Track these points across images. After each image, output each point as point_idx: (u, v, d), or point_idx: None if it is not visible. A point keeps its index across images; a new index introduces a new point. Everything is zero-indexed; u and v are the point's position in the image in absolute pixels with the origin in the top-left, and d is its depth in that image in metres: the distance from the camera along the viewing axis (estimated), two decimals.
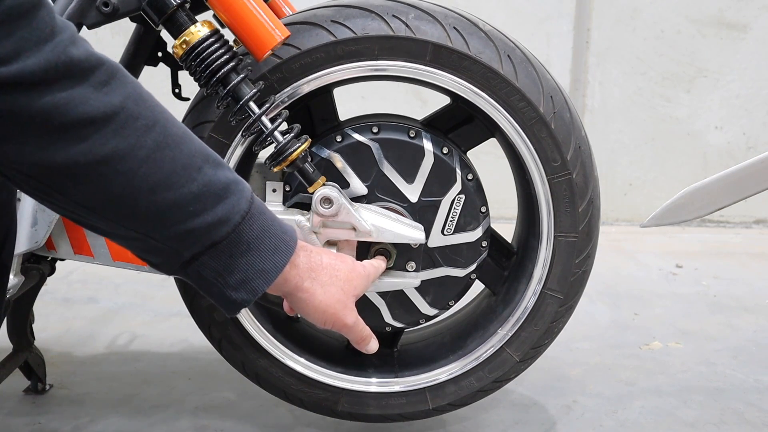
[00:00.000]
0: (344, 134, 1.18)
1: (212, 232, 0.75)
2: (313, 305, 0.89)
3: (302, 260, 0.87)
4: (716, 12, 2.96)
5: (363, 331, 0.97)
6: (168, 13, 1.02)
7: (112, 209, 0.70)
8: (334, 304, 0.90)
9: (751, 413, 1.50)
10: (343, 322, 0.91)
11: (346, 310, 0.91)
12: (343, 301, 0.91)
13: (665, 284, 2.34)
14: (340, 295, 0.90)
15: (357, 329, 0.95)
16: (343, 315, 0.91)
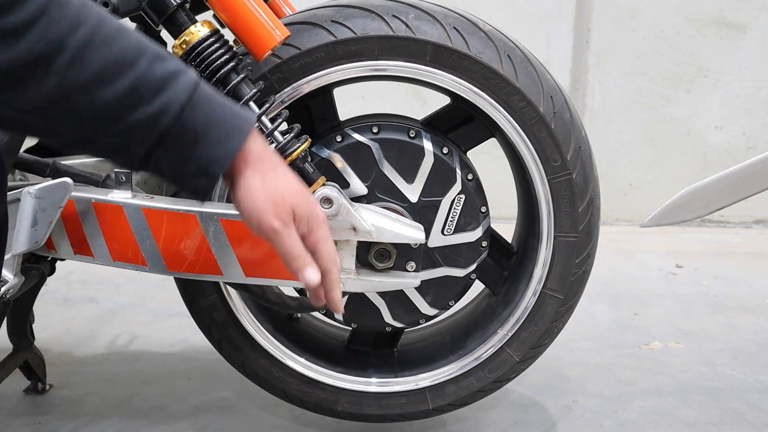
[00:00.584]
0: (344, 134, 1.18)
1: (153, 124, 0.76)
2: (248, 193, 0.84)
3: (257, 146, 0.83)
4: (716, 12, 2.96)
5: (294, 247, 0.86)
6: (168, 13, 1.02)
7: (54, 112, 0.74)
8: (268, 199, 0.84)
9: (751, 413, 1.50)
10: (270, 225, 0.84)
11: (278, 213, 0.84)
12: (280, 204, 0.85)
13: (665, 284, 2.34)
14: (277, 197, 0.84)
15: (286, 239, 0.85)
16: (273, 216, 0.84)
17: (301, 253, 0.87)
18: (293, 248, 0.86)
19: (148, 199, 1.10)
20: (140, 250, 1.10)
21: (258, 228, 0.85)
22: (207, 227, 1.08)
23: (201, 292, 1.22)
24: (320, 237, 0.88)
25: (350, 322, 1.27)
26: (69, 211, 1.08)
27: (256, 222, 0.85)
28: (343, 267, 1.13)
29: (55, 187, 1.04)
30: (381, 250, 1.16)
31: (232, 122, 0.81)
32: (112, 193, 1.10)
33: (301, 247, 0.87)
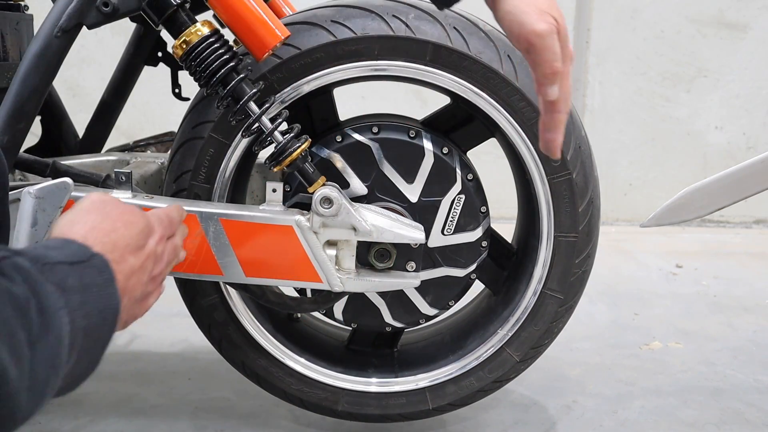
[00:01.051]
0: (344, 134, 1.18)
1: None
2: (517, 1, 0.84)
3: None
4: (716, 12, 2.96)
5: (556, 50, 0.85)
6: (168, 13, 1.02)
7: None
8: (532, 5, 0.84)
9: (751, 413, 1.50)
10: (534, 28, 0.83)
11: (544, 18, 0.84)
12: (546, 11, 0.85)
13: (665, 284, 2.34)
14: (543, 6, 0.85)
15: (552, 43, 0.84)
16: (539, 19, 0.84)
17: (559, 57, 0.85)
18: (556, 50, 0.84)
19: (148, 199, 1.10)
20: None
21: (519, 33, 0.83)
22: (207, 227, 1.08)
23: (201, 292, 1.22)
24: (566, 71, 0.87)
25: (350, 322, 1.27)
26: None
27: (518, 26, 0.83)
28: (343, 267, 1.13)
29: (55, 187, 1.04)
30: (381, 250, 1.16)
31: None
32: (112, 193, 1.09)
33: (559, 54, 0.85)
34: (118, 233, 0.77)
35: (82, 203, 0.80)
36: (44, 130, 1.56)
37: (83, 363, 0.70)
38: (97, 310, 0.70)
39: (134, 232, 0.80)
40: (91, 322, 0.69)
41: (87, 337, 0.68)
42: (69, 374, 0.68)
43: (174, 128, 1.40)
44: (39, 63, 1.07)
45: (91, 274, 0.71)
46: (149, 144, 1.61)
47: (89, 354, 0.70)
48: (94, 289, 0.70)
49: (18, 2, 1.37)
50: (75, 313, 0.67)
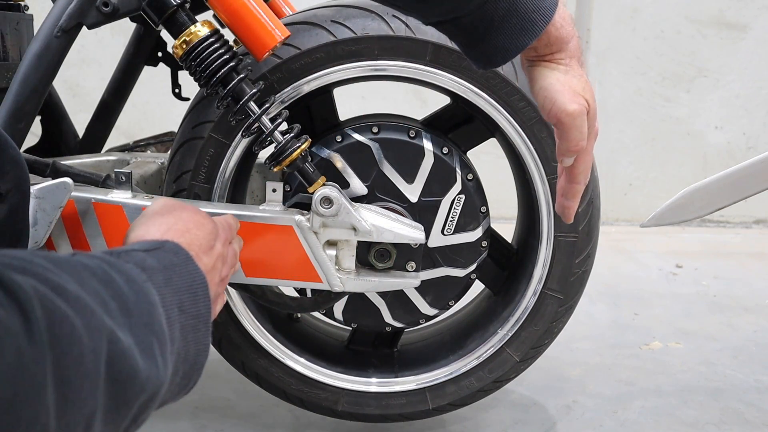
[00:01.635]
0: (344, 134, 1.18)
1: (457, 8, 0.81)
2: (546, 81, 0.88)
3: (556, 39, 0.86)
4: (716, 12, 2.96)
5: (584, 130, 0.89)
6: (168, 13, 1.02)
7: None
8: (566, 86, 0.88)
9: (751, 413, 1.50)
10: (565, 108, 0.87)
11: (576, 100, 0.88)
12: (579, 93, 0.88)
13: (665, 284, 2.34)
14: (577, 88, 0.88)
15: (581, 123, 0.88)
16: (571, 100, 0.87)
17: (585, 136, 0.89)
18: (583, 130, 0.88)
19: (148, 199, 1.10)
20: None
21: (551, 109, 0.87)
22: None
23: None
24: (589, 147, 0.91)
25: (350, 322, 1.28)
26: (69, 211, 1.08)
27: (550, 103, 0.87)
28: (343, 267, 1.13)
29: (55, 187, 1.04)
30: (381, 250, 1.16)
31: (530, 17, 0.82)
32: (112, 193, 1.10)
33: (585, 134, 0.89)
34: (192, 233, 0.79)
35: (153, 207, 0.83)
36: (44, 130, 1.56)
37: (191, 343, 0.68)
38: (186, 285, 0.69)
39: (205, 232, 0.81)
40: (182, 299, 0.68)
41: (183, 313, 0.67)
42: (183, 356, 0.66)
43: (174, 128, 1.40)
44: (39, 63, 1.07)
45: (168, 257, 0.71)
46: (149, 144, 1.61)
47: (194, 332, 0.69)
48: (175, 269, 0.70)
49: (18, 2, 1.37)
50: (162, 289, 0.66)
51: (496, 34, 0.83)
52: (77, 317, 0.52)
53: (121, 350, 0.56)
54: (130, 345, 0.57)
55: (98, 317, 0.55)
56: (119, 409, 0.56)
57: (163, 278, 0.67)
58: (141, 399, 0.58)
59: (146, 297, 0.63)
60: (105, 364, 0.54)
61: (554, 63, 0.88)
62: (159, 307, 0.64)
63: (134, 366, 0.57)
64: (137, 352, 0.58)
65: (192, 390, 0.72)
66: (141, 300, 0.62)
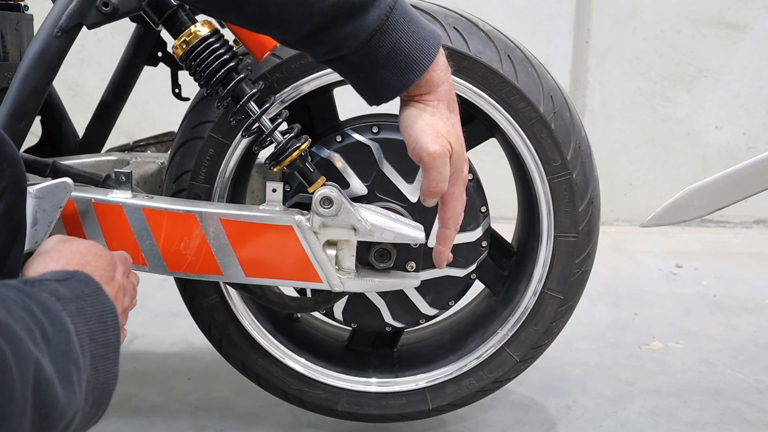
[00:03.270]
0: (344, 134, 1.18)
1: (341, 45, 0.85)
2: (413, 120, 0.91)
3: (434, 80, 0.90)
4: (716, 12, 2.96)
5: (445, 173, 0.92)
6: (168, 13, 1.02)
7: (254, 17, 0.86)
8: (430, 128, 0.91)
9: (751, 413, 1.50)
10: (427, 148, 0.90)
11: (439, 141, 0.91)
12: (443, 136, 0.91)
13: (665, 284, 2.34)
14: (442, 131, 0.91)
15: (442, 165, 0.91)
16: (433, 141, 0.91)
17: (446, 179, 0.93)
18: (443, 172, 0.92)
19: (148, 199, 1.10)
20: (140, 250, 1.10)
21: (414, 148, 0.91)
22: (207, 227, 1.08)
23: (201, 292, 1.22)
24: (455, 192, 0.95)
25: (350, 322, 1.27)
26: (69, 211, 1.08)
27: (414, 141, 0.91)
28: (343, 267, 1.13)
29: (55, 187, 1.04)
30: (381, 250, 1.16)
31: (414, 55, 0.87)
32: (112, 193, 1.10)
33: (447, 177, 0.93)
34: (91, 265, 0.80)
35: (46, 245, 0.84)
36: (44, 130, 1.56)
37: (101, 372, 0.69)
38: (96, 315, 0.70)
39: (104, 263, 0.82)
40: (93, 328, 0.69)
41: (94, 342, 0.68)
42: (93, 384, 0.67)
43: (174, 128, 1.40)
44: (39, 63, 1.07)
45: (79, 287, 0.72)
46: (149, 144, 1.61)
47: (104, 361, 0.70)
48: (86, 299, 0.71)
49: (18, 2, 1.37)
50: (75, 319, 0.67)
51: (383, 71, 0.87)
52: (7, 346, 0.53)
53: (45, 379, 0.57)
54: (52, 373, 0.59)
55: (25, 345, 0.56)
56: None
57: (76, 308, 0.68)
58: (61, 425, 0.60)
59: (63, 325, 0.64)
60: (31, 392, 0.55)
61: (422, 104, 0.91)
62: (74, 336, 0.65)
63: (55, 394, 0.59)
64: (57, 380, 0.59)
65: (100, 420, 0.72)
66: (58, 329, 0.63)
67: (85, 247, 0.83)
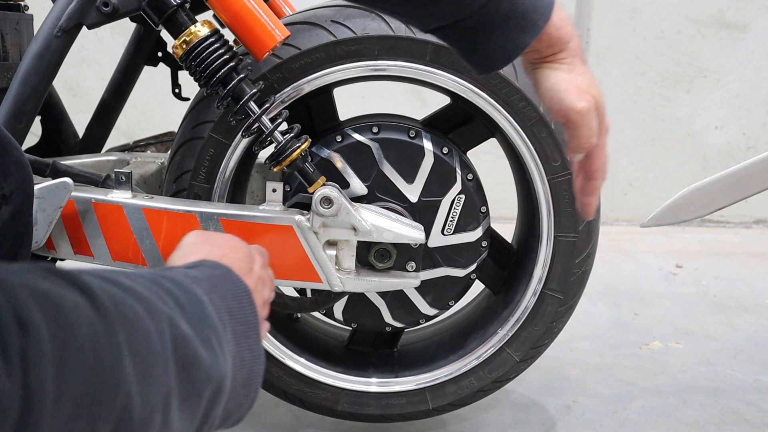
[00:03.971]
0: (344, 134, 1.18)
1: (458, 11, 0.81)
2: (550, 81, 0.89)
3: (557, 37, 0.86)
4: (716, 12, 2.96)
5: (593, 126, 0.90)
6: (168, 13, 1.02)
7: None
8: (572, 85, 0.89)
9: (751, 413, 1.50)
10: (574, 106, 0.88)
11: (583, 97, 0.89)
12: (586, 91, 0.89)
13: (665, 284, 2.34)
14: (583, 86, 0.89)
15: (590, 120, 0.89)
16: (577, 98, 0.88)
17: (595, 133, 0.90)
18: (592, 126, 0.89)
19: (148, 199, 1.10)
20: (140, 250, 1.10)
21: (559, 109, 0.88)
22: (207, 227, 1.08)
23: None
24: (602, 142, 0.92)
25: (350, 322, 1.28)
26: (69, 211, 1.08)
27: (558, 103, 0.88)
28: (343, 267, 1.13)
29: (55, 187, 1.04)
30: (381, 250, 1.16)
31: (530, 16, 0.82)
32: (112, 193, 1.10)
33: (595, 131, 0.90)
34: (230, 257, 0.79)
35: (189, 239, 0.83)
36: (44, 130, 1.56)
37: (245, 349, 0.68)
38: (231, 293, 0.69)
39: (242, 255, 0.81)
40: (230, 305, 0.68)
41: (233, 318, 0.67)
42: (239, 362, 0.66)
43: (174, 128, 1.40)
44: (39, 63, 1.07)
45: (208, 270, 0.71)
46: (149, 144, 1.61)
47: (246, 338, 0.68)
48: (219, 278, 0.70)
49: (18, 2, 1.37)
50: (210, 294, 0.66)
51: (497, 36, 0.83)
52: (136, 302, 0.53)
53: (183, 335, 0.56)
54: (189, 332, 0.58)
55: (155, 304, 0.56)
56: (191, 397, 0.56)
57: (209, 285, 0.67)
58: (209, 390, 0.58)
59: (195, 296, 0.63)
60: (170, 344, 0.54)
61: (557, 63, 0.89)
62: (208, 306, 0.64)
63: (196, 351, 0.57)
64: (196, 340, 0.58)
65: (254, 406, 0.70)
66: (191, 299, 0.62)
67: (223, 240, 0.83)
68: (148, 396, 0.50)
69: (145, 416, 0.49)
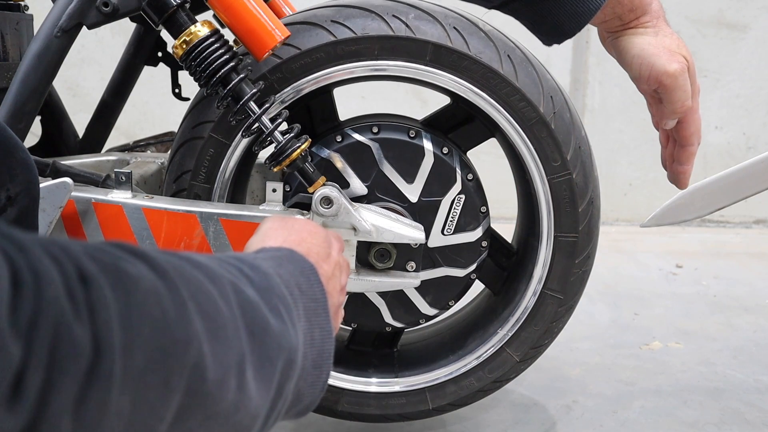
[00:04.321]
0: (344, 134, 1.18)
1: None
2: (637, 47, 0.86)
3: None
4: (716, 12, 2.96)
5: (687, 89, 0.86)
6: (168, 13, 1.02)
7: None
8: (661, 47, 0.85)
9: (751, 413, 1.50)
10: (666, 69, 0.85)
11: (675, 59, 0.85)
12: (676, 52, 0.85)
13: (665, 284, 2.34)
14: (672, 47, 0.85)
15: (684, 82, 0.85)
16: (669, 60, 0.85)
17: (689, 95, 0.86)
18: (687, 88, 0.85)
19: (148, 199, 1.10)
20: None
21: (650, 75, 0.85)
22: (207, 227, 1.08)
23: None
24: (695, 105, 0.88)
25: (350, 322, 1.27)
26: (69, 211, 1.08)
27: (648, 68, 0.85)
28: None
29: (55, 187, 1.04)
30: (381, 250, 1.16)
31: None
32: (112, 193, 1.10)
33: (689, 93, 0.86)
34: (307, 242, 0.77)
35: (266, 224, 0.81)
36: (44, 130, 1.56)
37: (316, 327, 0.66)
38: (297, 270, 0.68)
39: (319, 240, 0.80)
40: (299, 281, 0.66)
41: (303, 294, 0.66)
42: (309, 339, 0.64)
43: (174, 128, 1.40)
44: (39, 63, 1.07)
45: (270, 252, 0.70)
46: (149, 144, 1.61)
47: (316, 316, 0.66)
48: (283, 258, 0.68)
49: (18, 2, 1.37)
50: (278, 270, 0.64)
51: (566, 1, 0.80)
52: (195, 270, 0.52)
53: (249, 301, 0.55)
54: (256, 298, 0.56)
55: (216, 271, 0.54)
56: (264, 365, 0.55)
57: (274, 263, 0.66)
58: (281, 359, 0.57)
59: (260, 269, 0.61)
60: (238, 310, 0.53)
61: (641, 27, 0.85)
62: (276, 278, 0.62)
63: (265, 318, 0.56)
64: (264, 307, 0.57)
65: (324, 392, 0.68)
66: (256, 270, 0.61)
67: (300, 225, 0.81)
68: (221, 357, 0.49)
69: (219, 377, 0.49)
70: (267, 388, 0.55)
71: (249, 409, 0.53)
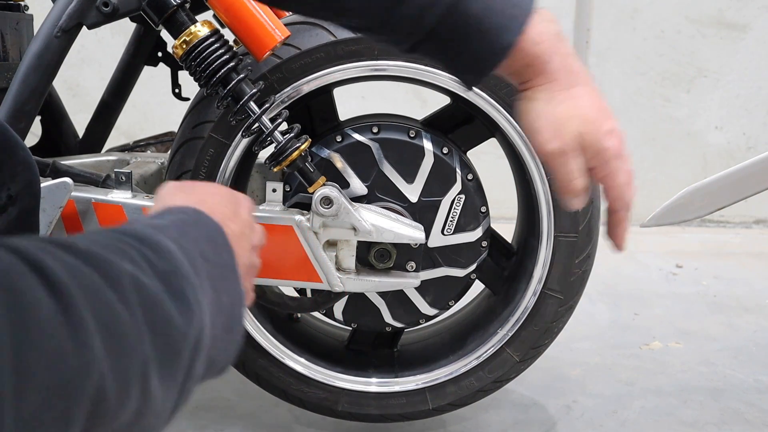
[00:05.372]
0: (344, 134, 1.18)
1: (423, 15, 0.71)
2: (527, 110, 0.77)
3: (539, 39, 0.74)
4: (716, 12, 2.96)
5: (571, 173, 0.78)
6: (168, 13, 1.02)
7: None
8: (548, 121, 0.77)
9: (751, 413, 1.50)
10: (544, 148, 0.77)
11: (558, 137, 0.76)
12: (556, 124, 0.77)
13: (665, 284, 2.34)
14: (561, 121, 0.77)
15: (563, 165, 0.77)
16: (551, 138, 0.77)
17: (575, 176, 0.78)
18: (572, 170, 0.78)
19: (148, 199, 1.10)
20: None
21: (534, 150, 0.81)
22: None
23: None
24: (610, 171, 0.80)
25: (350, 322, 1.27)
26: (69, 210, 1.08)
27: (532, 142, 0.78)
28: (343, 267, 1.13)
29: (55, 187, 1.04)
30: (381, 250, 1.16)
31: (510, 12, 0.72)
32: (112, 193, 1.10)
33: (577, 173, 0.78)
34: (208, 203, 0.72)
35: (164, 189, 0.77)
36: (44, 130, 1.56)
37: (223, 293, 0.63)
38: (203, 236, 0.64)
39: (223, 200, 0.75)
40: (203, 248, 0.63)
41: (207, 262, 0.62)
42: (217, 308, 0.62)
43: (174, 128, 1.40)
44: (39, 63, 1.07)
45: (175, 216, 0.66)
46: (149, 144, 1.61)
47: (223, 281, 0.63)
48: (188, 223, 0.65)
49: (18, 2, 1.37)
50: (180, 241, 0.61)
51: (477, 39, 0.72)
52: (95, 271, 0.49)
53: (151, 296, 0.53)
54: (159, 290, 0.54)
55: (116, 266, 0.52)
56: (170, 360, 0.53)
57: (177, 231, 0.63)
58: (188, 347, 0.55)
59: (162, 247, 0.59)
60: (139, 310, 0.51)
61: (530, 90, 0.77)
62: (178, 254, 0.60)
63: (168, 312, 0.54)
64: (167, 298, 0.55)
65: None
66: (158, 251, 0.58)
67: (200, 187, 0.76)
68: (123, 371, 0.47)
69: (121, 392, 0.47)
70: (174, 380, 0.54)
71: (154, 408, 0.51)
